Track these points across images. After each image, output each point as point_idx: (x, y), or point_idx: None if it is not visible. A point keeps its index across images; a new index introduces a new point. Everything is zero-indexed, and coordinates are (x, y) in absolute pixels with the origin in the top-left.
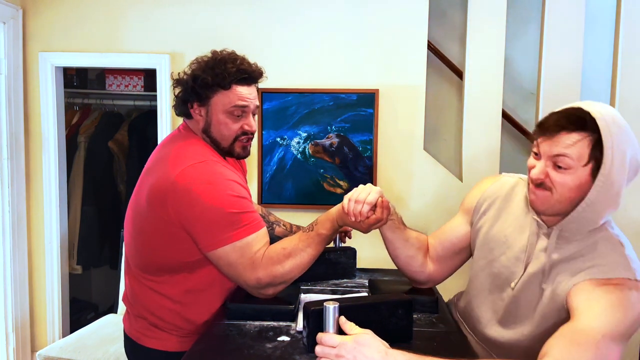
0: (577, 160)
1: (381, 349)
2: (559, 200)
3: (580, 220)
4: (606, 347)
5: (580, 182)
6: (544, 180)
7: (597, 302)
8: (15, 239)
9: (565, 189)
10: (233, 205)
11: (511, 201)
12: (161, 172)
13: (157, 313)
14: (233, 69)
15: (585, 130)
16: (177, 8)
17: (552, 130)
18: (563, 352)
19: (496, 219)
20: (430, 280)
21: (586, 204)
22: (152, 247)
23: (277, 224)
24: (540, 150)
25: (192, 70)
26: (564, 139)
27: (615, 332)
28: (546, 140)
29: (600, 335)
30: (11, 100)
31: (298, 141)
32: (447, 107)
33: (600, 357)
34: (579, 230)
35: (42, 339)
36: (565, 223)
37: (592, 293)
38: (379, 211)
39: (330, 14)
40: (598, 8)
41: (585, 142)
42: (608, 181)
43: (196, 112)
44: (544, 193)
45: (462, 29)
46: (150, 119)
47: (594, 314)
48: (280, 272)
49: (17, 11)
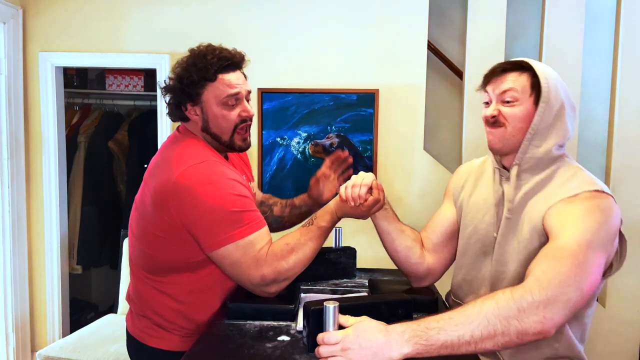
0: (522, 92)
1: (381, 328)
2: (512, 133)
3: (532, 149)
4: (583, 255)
5: (528, 111)
6: (498, 117)
7: (569, 216)
8: (15, 239)
9: (516, 119)
10: (234, 204)
11: (484, 172)
12: (163, 174)
13: (161, 312)
14: (214, 59)
15: (524, 70)
16: (177, 8)
17: (497, 73)
18: (543, 268)
19: (473, 189)
20: (429, 274)
21: (532, 130)
22: (155, 248)
23: (274, 205)
24: (490, 94)
25: (176, 73)
26: (509, 76)
27: (591, 239)
28: (493, 83)
29: (576, 245)
30: (11, 100)
31: (298, 141)
32: (447, 107)
33: (577, 265)
34: (535, 164)
35: (42, 339)
36: (519, 155)
37: (564, 210)
38: (376, 192)
39: (330, 14)
40: (598, 8)
41: (525, 77)
42: (548, 106)
43: (192, 113)
44: (499, 130)
45: (462, 29)
46: (150, 119)
47: (568, 228)
48: (285, 267)
49: (17, 11)
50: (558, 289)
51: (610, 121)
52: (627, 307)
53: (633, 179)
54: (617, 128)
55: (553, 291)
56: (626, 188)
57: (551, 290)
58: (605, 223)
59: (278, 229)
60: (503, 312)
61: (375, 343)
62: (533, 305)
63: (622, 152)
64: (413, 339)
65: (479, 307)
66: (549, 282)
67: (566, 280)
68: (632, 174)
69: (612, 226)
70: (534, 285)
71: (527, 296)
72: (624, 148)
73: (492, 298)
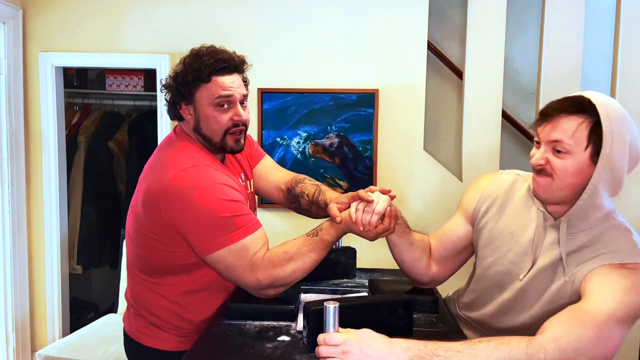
0: (576, 144)
1: (385, 339)
2: (560, 186)
3: (587, 207)
4: (609, 329)
5: (580, 166)
6: (544, 166)
7: (610, 285)
8: (15, 239)
9: (566, 174)
10: (225, 209)
11: (512, 197)
12: (155, 177)
13: (156, 312)
14: (210, 61)
15: (583, 114)
16: (176, 8)
17: (552, 114)
18: (566, 330)
19: (499, 217)
20: (433, 281)
21: (590, 189)
22: (149, 250)
23: (301, 197)
24: (540, 137)
25: (174, 72)
26: (563, 123)
27: (623, 315)
28: (546, 125)
29: (606, 317)
30: (11, 100)
31: (298, 141)
32: (447, 107)
33: (601, 338)
34: (587, 219)
35: (42, 339)
36: (572, 212)
37: (607, 276)
38: (387, 221)
39: (330, 14)
40: (598, 8)
41: (584, 126)
42: (608, 165)
43: (185, 112)
44: (545, 180)
45: (462, 29)
46: (150, 119)
47: (604, 296)
48: (281, 275)
49: (17, 11)
50: (572, 356)
51: None
52: None
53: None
54: None
55: (567, 356)
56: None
57: (565, 355)
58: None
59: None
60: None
61: (377, 352)
62: None
63: None
64: (416, 359)
65: (490, 350)
66: (567, 346)
67: (583, 349)
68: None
69: None
70: (551, 345)
71: (540, 354)
72: None
73: (506, 344)
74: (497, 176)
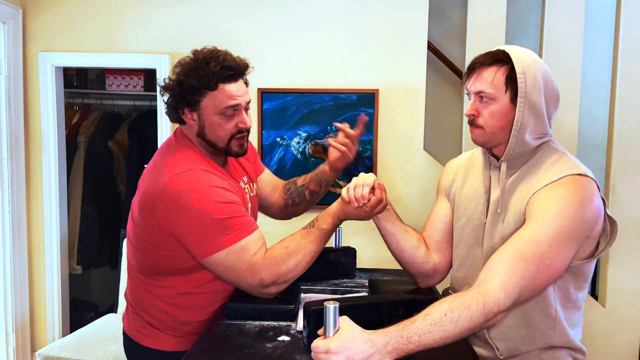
0: (496, 90)
1: (366, 338)
2: (492, 132)
3: (518, 144)
4: (551, 258)
5: (505, 109)
6: (476, 118)
7: (548, 209)
8: (15, 239)
9: (494, 119)
10: (221, 212)
11: (473, 164)
12: (152, 181)
13: (153, 313)
14: (217, 67)
15: (499, 63)
16: (176, 8)
17: (474, 68)
18: (509, 270)
19: (464, 181)
20: (437, 272)
21: (516, 128)
22: (146, 253)
23: (293, 183)
24: (469, 90)
25: (177, 75)
26: (483, 73)
27: (564, 237)
28: (470, 78)
29: (547, 246)
30: (11, 100)
31: (298, 141)
32: (447, 107)
33: (542, 268)
34: (522, 155)
35: (42, 339)
36: (508, 151)
37: (545, 200)
38: (378, 192)
39: (330, 13)
40: (598, 8)
41: (500, 73)
42: (527, 103)
43: (188, 118)
44: (478, 130)
45: (462, 29)
46: (150, 119)
47: (545, 221)
48: (284, 270)
49: (17, 11)
50: (519, 294)
51: (610, 121)
52: (627, 307)
53: (633, 179)
54: (617, 128)
55: (515, 297)
56: (626, 188)
57: (514, 297)
58: (583, 209)
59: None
60: (474, 324)
61: (361, 355)
62: (500, 313)
63: (622, 152)
64: (395, 351)
65: (455, 322)
66: (513, 289)
67: (527, 285)
68: (632, 174)
69: (592, 211)
70: (501, 294)
71: (494, 308)
72: (624, 148)
73: (466, 308)
74: (460, 155)
